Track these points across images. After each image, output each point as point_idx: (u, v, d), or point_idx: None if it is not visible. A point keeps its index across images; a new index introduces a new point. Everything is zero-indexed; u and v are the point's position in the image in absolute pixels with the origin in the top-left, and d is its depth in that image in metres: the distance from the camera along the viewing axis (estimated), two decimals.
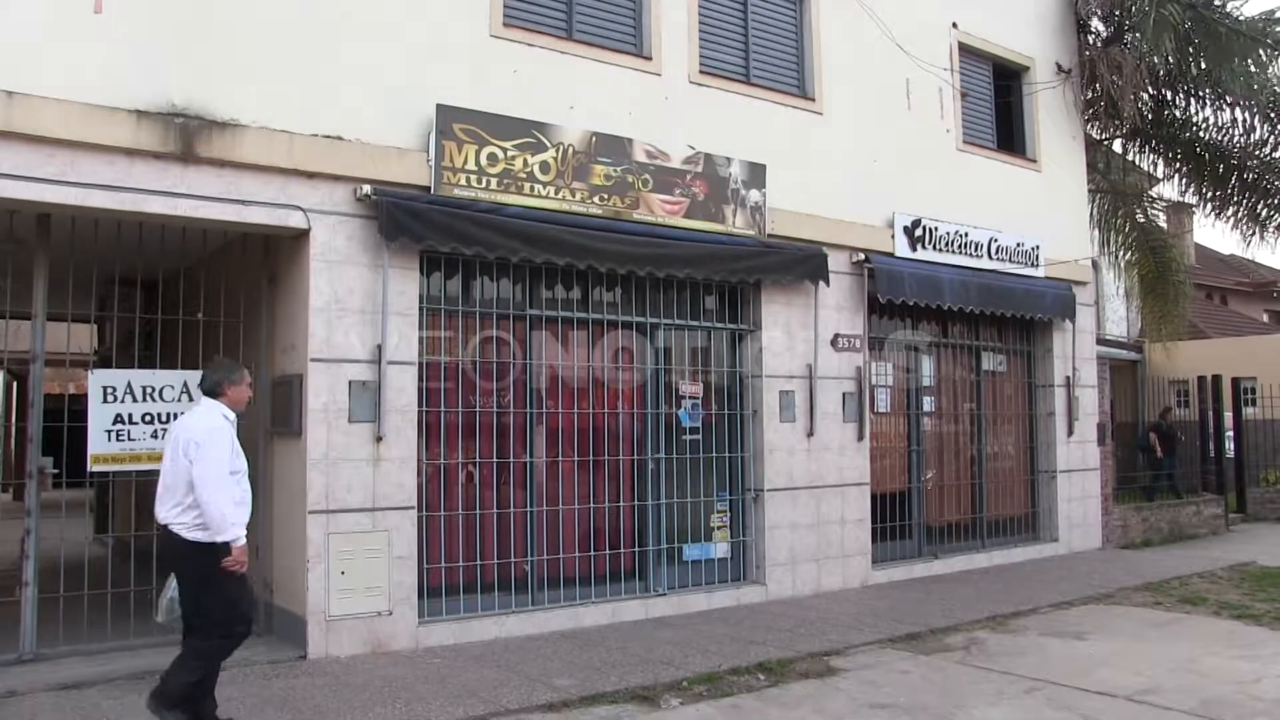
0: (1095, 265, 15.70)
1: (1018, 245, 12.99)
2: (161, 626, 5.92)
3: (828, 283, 10.80)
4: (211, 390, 5.95)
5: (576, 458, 9.37)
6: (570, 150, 9.01)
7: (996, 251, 12.73)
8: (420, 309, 8.37)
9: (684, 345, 10.15)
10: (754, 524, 10.44)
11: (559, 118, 9.04)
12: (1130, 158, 17.82)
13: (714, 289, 10.33)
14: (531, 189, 8.78)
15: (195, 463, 5.59)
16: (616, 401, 9.68)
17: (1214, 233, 70.04)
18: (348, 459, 7.86)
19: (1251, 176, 16.15)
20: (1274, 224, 16.42)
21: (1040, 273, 13.30)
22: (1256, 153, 15.94)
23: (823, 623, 9.17)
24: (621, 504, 9.64)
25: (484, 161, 8.52)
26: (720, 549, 10.27)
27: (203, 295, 8.15)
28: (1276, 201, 16.25)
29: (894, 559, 11.76)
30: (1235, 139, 16.00)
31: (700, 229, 9.85)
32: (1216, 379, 18.86)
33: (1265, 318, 32.92)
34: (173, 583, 5.76)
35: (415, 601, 8.13)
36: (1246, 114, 15.66)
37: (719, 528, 10.28)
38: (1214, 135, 16.23)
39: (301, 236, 7.90)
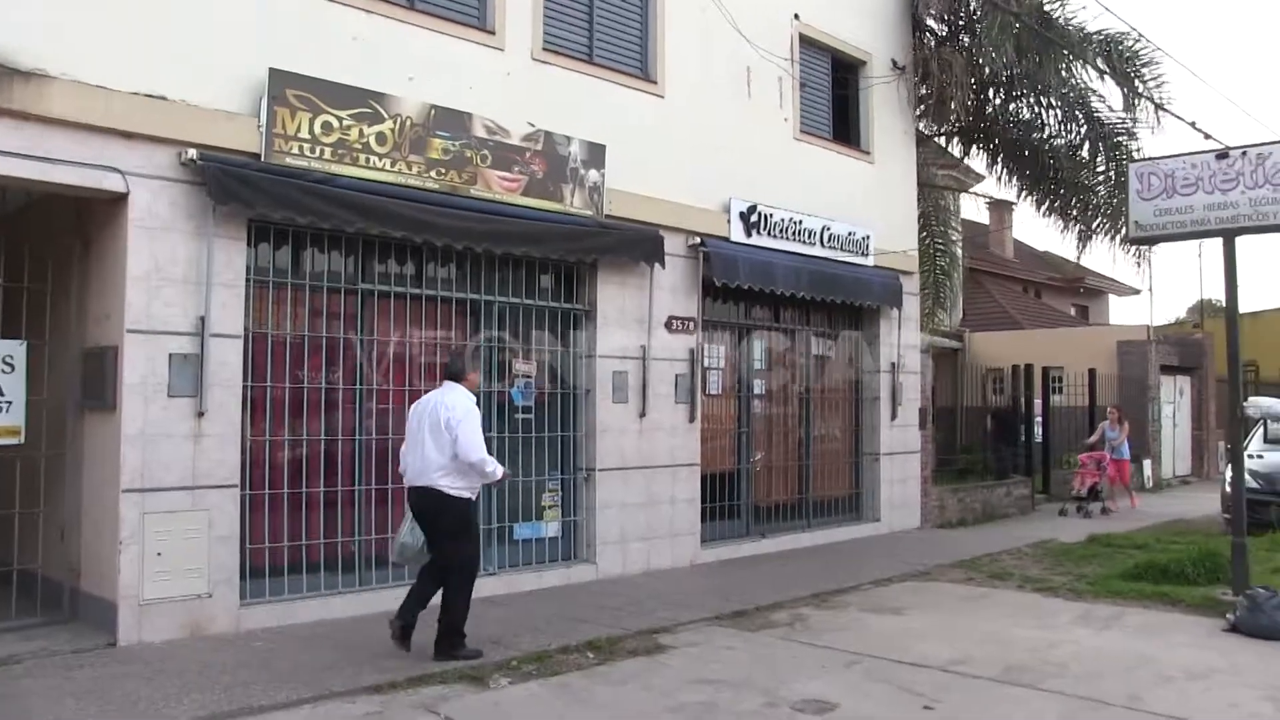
0: (922, 255, 16.28)
1: (849, 234, 13.35)
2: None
3: (663, 265, 10.89)
4: (456, 376, 7.49)
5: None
6: (408, 122, 8.82)
7: (829, 240, 13.06)
8: (247, 280, 8.06)
9: (519, 323, 10.07)
10: (585, 503, 10.48)
11: (398, 88, 8.83)
12: (958, 154, 18.54)
13: (550, 268, 10.29)
14: (367, 160, 8.56)
15: (459, 433, 7.07)
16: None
17: (1031, 230, 73.73)
18: (166, 435, 7.52)
19: (1066, 175, 16.97)
20: (1081, 219, 17.28)
21: (870, 262, 13.71)
22: (1071, 154, 16.73)
23: (652, 601, 9.28)
24: None
25: (318, 130, 8.27)
26: (551, 528, 10.28)
27: (2, 259, 7.67)
28: (1084, 199, 17.12)
29: (723, 538, 11.98)
30: (1049, 139, 16.78)
31: (538, 207, 9.79)
32: (1029, 368, 19.84)
33: (1074, 311, 34.76)
34: (405, 527, 7.30)
35: (237, 583, 7.87)
36: (1066, 120, 16.44)
37: (550, 507, 10.28)
38: (1027, 134, 16.98)
39: (119, 200, 7.49)
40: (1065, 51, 15.35)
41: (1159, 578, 10.22)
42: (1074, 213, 17.32)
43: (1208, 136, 13.46)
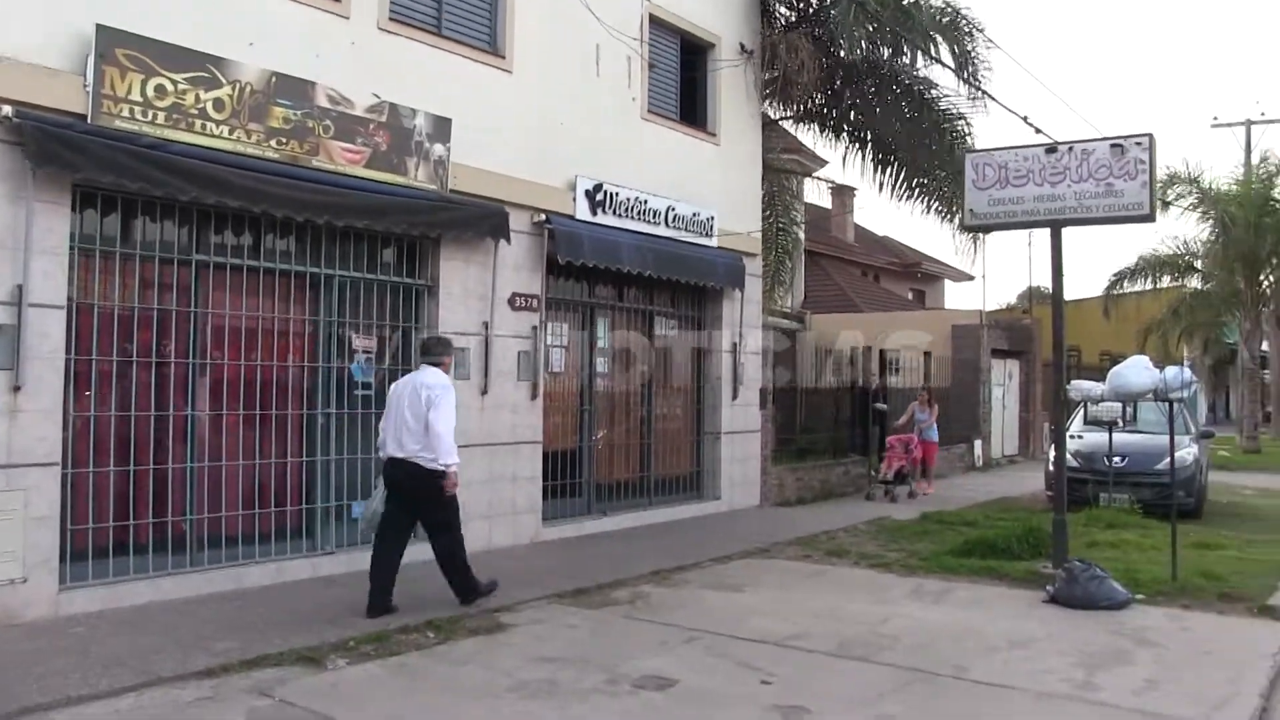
0: (766, 238, 16.57)
1: (694, 215, 13.51)
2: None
3: (508, 241, 10.83)
4: (436, 361, 8.24)
5: (242, 412, 8.94)
6: (248, 89, 8.51)
7: (674, 220, 13.19)
8: (71, 248, 7.66)
9: (360, 298, 9.86)
10: None
11: (237, 53, 8.50)
12: (805, 138, 18.90)
13: (393, 242, 10.12)
14: (204, 127, 8.23)
15: (432, 411, 7.77)
16: (286, 354, 9.31)
17: (872, 215, 75.89)
18: None
19: (908, 160, 17.43)
20: (926, 203, 17.79)
21: (714, 242, 13.90)
22: (912, 140, 17.18)
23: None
24: (289, 460, 9.30)
25: (151, 93, 7.90)
26: None
27: None
28: (925, 185, 17.63)
29: (565, 516, 12.03)
30: (894, 125, 17.21)
31: (381, 180, 9.60)
32: (867, 349, 20.46)
33: (910, 295, 35.99)
34: (376, 498, 8.07)
35: (56, 566, 7.50)
36: (909, 106, 16.91)
37: None
38: (872, 119, 17.43)
39: None
40: (908, 39, 15.76)
41: (986, 553, 10.70)
42: (916, 197, 17.76)
43: (1039, 131, 14.06)
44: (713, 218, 13.84)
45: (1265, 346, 32.80)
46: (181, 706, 5.80)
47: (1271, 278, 29.91)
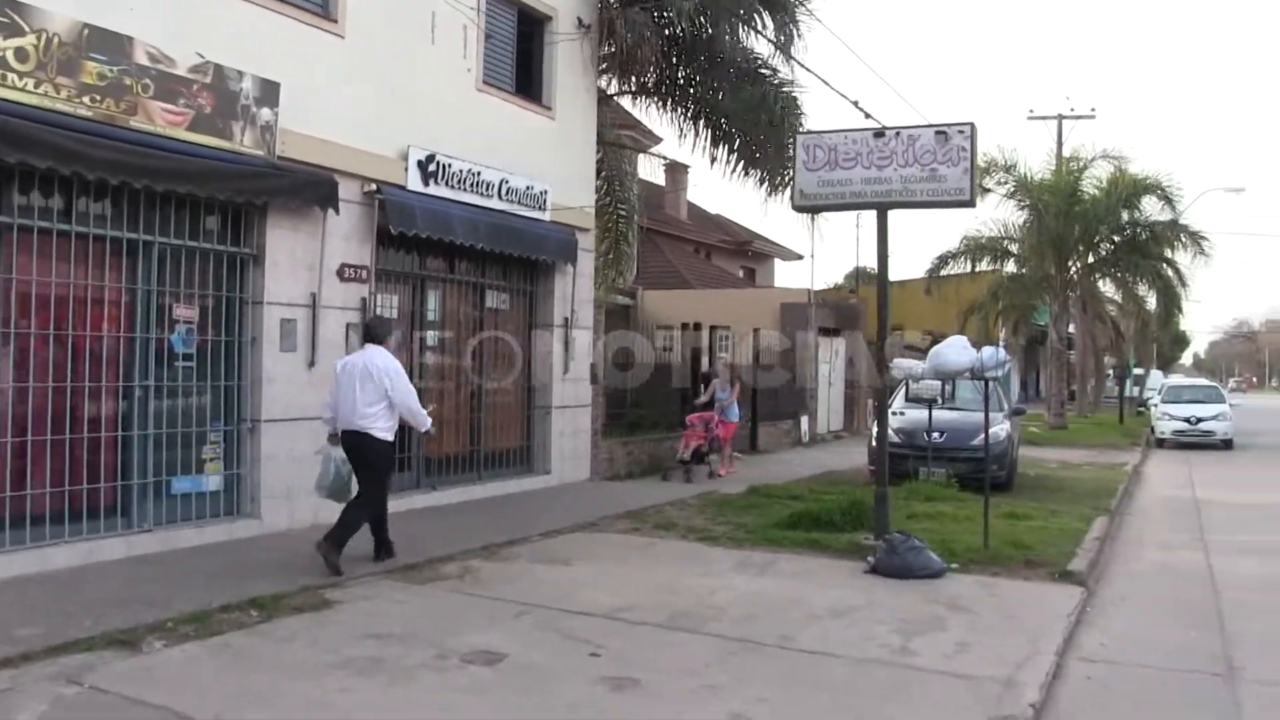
0: (599, 213, 16.60)
1: (527, 188, 13.44)
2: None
3: (337, 211, 10.58)
4: (378, 338, 8.96)
5: (52, 384, 8.48)
6: (55, 40, 8.03)
7: (507, 193, 13.10)
8: None
9: (180, 266, 9.47)
10: (250, 455, 10.09)
11: (43, 0, 8.01)
12: (641, 115, 18.96)
13: (217, 209, 9.74)
14: (4, 78, 7.73)
15: (393, 388, 8.66)
16: (101, 323, 8.88)
17: (705, 193, 76.98)
18: None
19: (740, 138, 17.65)
20: (759, 183, 18.04)
21: (547, 216, 13.86)
22: (744, 118, 17.39)
23: (320, 555, 9.07)
24: (103, 434, 8.88)
25: None
26: (213, 481, 9.82)
27: None
28: (758, 164, 17.90)
29: (393, 491, 11.75)
30: (725, 102, 17.40)
31: (205, 144, 9.23)
32: (697, 326, 20.77)
33: (741, 272, 36.65)
34: (330, 469, 8.87)
35: None
36: (741, 84, 17.12)
37: (211, 459, 9.82)
38: (706, 96, 17.61)
39: None
40: (731, 9, 15.92)
41: (811, 526, 11.04)
42: (749, 175, 18.00)
43: (868, 116, 14.50)
44: (546, 191, 13.80)
45: (1072, 329, 34.72)
46: None
47: (1079, 264, 31.68)
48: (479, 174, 12.62)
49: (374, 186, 11.14)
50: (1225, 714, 6.10)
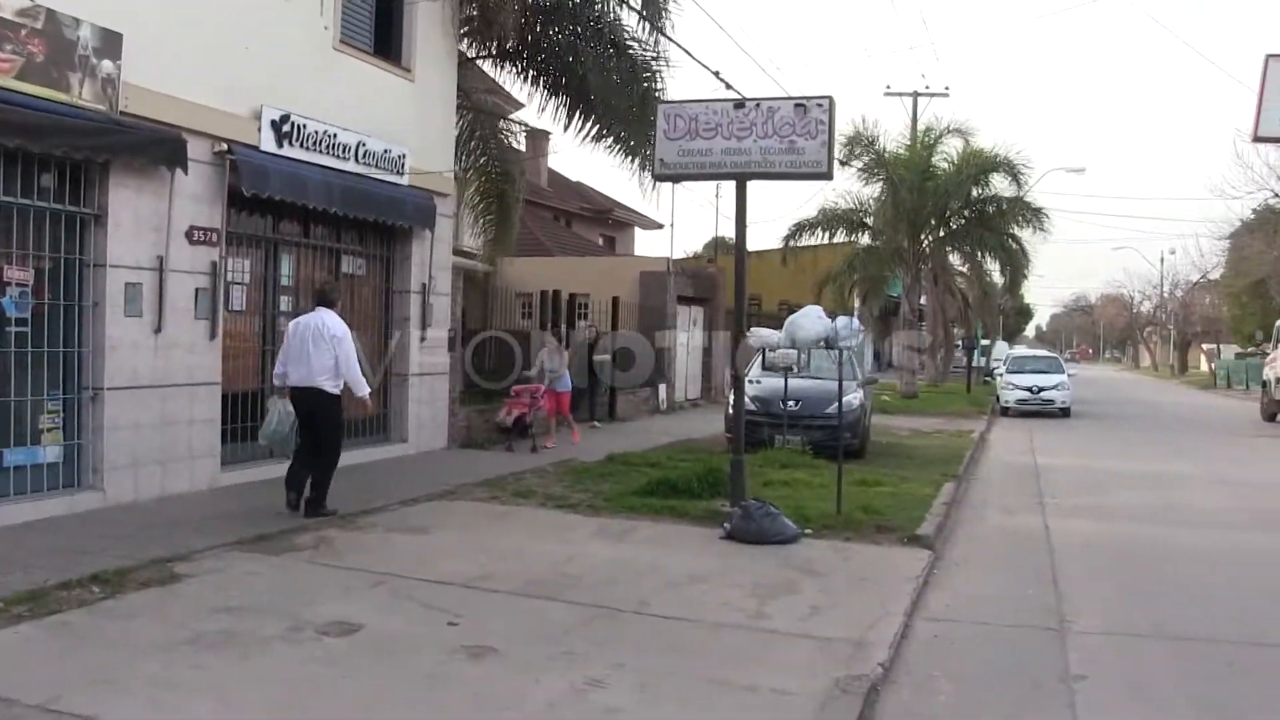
0: (457, 179, 16.36)
1: (385, 151, 13.14)
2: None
3: (185, 170, 10.17)
4: (328, 302, 9.82)
5: None
6: None
7: (364, 156, 12.79)
8: None
9: (13, 225, 8.96)
10: (91, 425, 9.67)
11: None
12: (501, 80, 18.71)
13: (54, 165, 9.23)
14: None
15: (340, 351, 9.45)
16: None
17: (565, 160, 76.18)
18: None
19: (602, 105, 17.55)
20: (619, 151, 18.02)
21: (405, 181, 13.59)
22: (606, 85, 17.29)
23: (168, 528, 8.80)
24: None
25: None
26: (51, 453, 9.38)
27: None
28: (618, 129, 17.85)
29: (246, 460, 11.54)
30: (588, 69, 17.27)
31: (37, 95, 8.73)
32: (557, 293, 20.69)
33: (601, 240, 36.65)
34: (274, 419, 9.61)
35: None
36: (602, 51, 17.04)
37: (49, 430, 9.37)
38: (568, 62, 17.45)
39: None
40: None
41: (668, 493, 11.16)
42: (611, 143, 17.96)
43: (730, 87, 14.58)
44: (405, 155, 13.52)
45: (924, 300, 35.78)
46: None
47: (931, 237, 32.61)
48: (335, 136, 12.28)
49: (225, 146, 10.74)
50: (1054, 665, 6.40)
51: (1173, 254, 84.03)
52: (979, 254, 34.31)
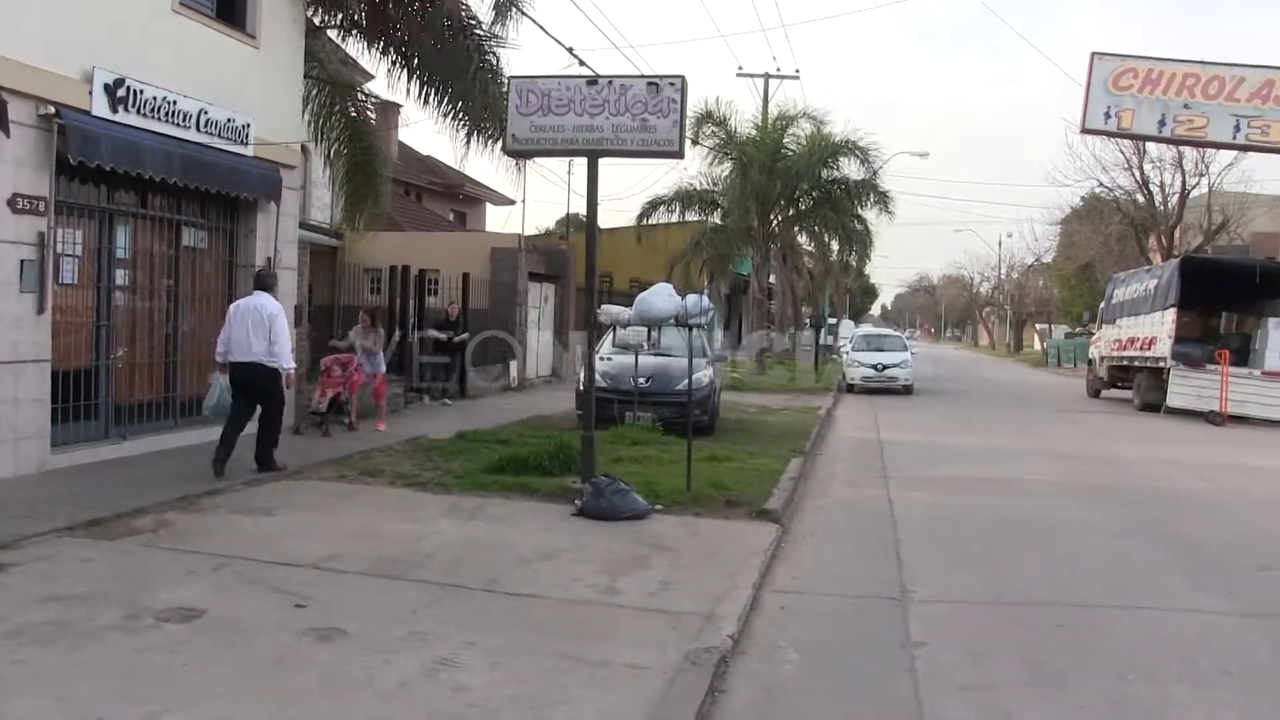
0: (305, 151, 15.91)
1: (228, 120, 12.67)
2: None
3: (8, 134, 9.61)
4: (266, 286, 11.00)
5: None
6: None
7: (206, 124, 12.30)
8: None
9: None
10: None
11: None
12: (351, 51, 18.23)
13: None
14: None
15: (274, 328, 10.58)
16: None
17: (416, 134, 75.12)
18: None
19: (453, 80, 17.24)
20: (467, 127, 17.73)
21: (249, 151, 13.12)
22: (456, 59, 16.98)
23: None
24: None
25: None
26: None
27: None
28: (469, 106, 17.59)
29: (78, 441, 11.03)
30: (437, 44, 16.95)
31: None
32: (406, 269, 20.35)
33: (452, 216, 36.18)
34: (215, 392, 10.73)
35: None
36: (451, 25, 16.73)
37: None
38: (419, 36, 17.08)
39: None
40: None
41: (519, 470, 11.12)
42: (462, 118, 17.68)
43: (583, 64, 14.54)
44: (249, 125, 13.05)
45: (773, 279, 36.40)
46: None
47: (780, 217, 33.16)
48: (175, 102, 11.77)
49: (53, 110, 10.18)
50: (896, 632, 6.64)
51: (1010, 237, 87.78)
52: (826, 235, 35.03)
